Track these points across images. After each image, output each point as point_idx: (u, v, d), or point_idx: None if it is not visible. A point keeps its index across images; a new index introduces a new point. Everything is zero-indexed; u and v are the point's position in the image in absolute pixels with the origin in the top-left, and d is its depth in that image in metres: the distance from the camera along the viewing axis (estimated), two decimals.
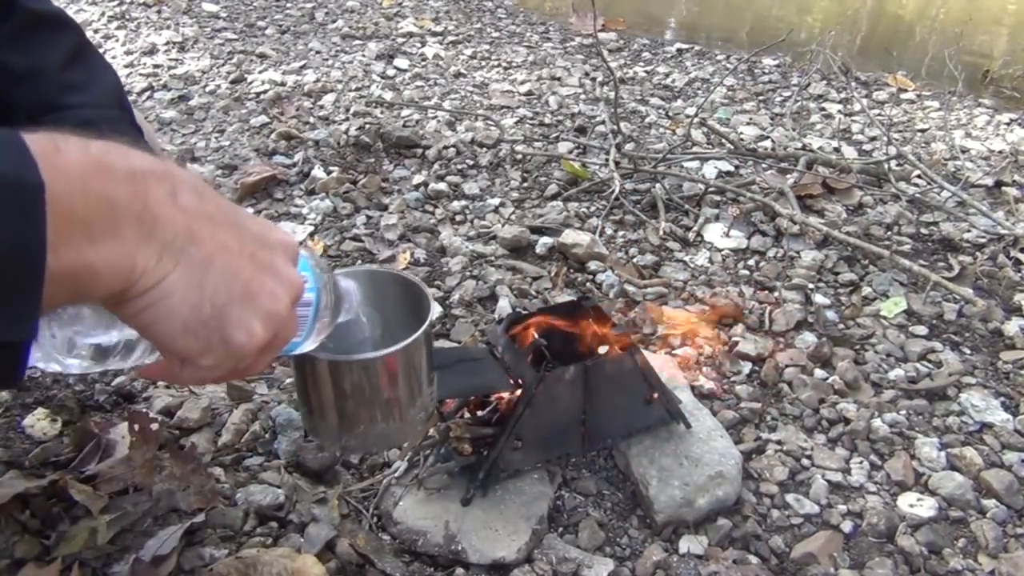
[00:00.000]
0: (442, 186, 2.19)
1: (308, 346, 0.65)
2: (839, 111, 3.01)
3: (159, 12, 3.73)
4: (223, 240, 0.49)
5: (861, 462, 1.32)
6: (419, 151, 2.41)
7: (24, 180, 0.40)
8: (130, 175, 0.45)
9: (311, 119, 2.61)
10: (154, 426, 1.17)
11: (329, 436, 0.83)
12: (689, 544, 1.14)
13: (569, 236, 1.90)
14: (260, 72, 3.03)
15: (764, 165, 2.33)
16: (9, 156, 0.40)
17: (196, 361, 0.52)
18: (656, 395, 1.21)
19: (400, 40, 3.61)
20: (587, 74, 3.29)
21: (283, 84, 2.89)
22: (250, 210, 2.05)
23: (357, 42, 3.53)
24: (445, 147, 2.41)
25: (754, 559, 1.13)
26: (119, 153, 0.45)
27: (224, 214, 0.50)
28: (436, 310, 0.76)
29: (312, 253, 0.64)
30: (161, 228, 0.46)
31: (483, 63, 3.39)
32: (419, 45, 3.56)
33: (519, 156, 2.39)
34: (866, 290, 1.81)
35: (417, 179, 2.23)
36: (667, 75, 3.35)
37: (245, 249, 0.51)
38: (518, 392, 1.13)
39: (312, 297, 0.61)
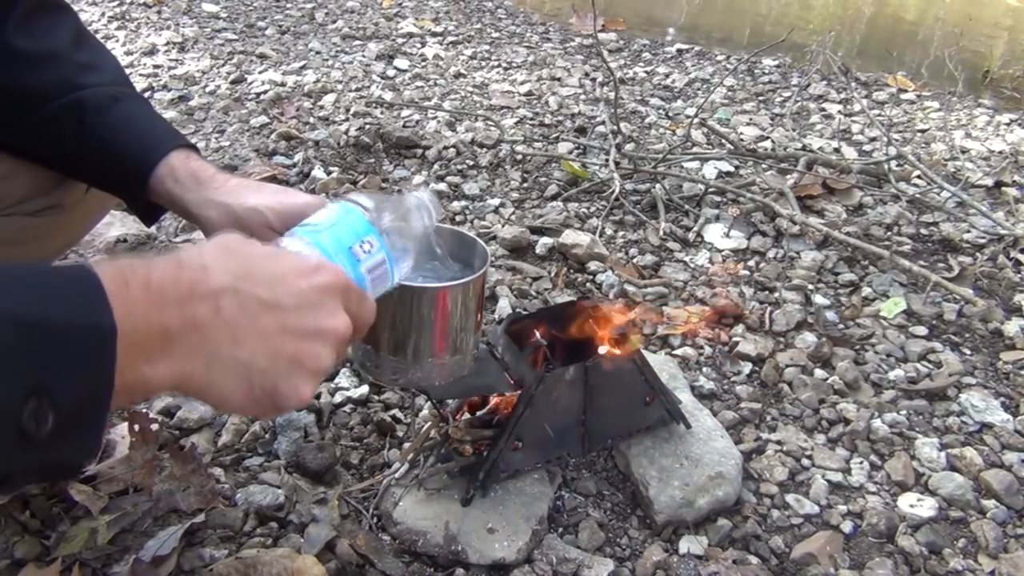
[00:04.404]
0: (442, 186, 2.19)
1: (397, 282, 0.73)
2: (839, 111, 3.01)
3: (159, 12, 3.73)
4: (264, 330, 0.56)
5: (861, 462, 1.32)
6: (419, 151, 2.41)
7: (101, 326, 0.47)
8: (180, 301, 0.52)
9: (311, 119, 2.61)
10: (154, 426, 1.17)
11: (396, 370, 0.88)
12: (689, 544, 1.14)
13: (569, 236, 1.90)
14: (260, 72, 3.03)
15: (764, 165, 2.33)
16: (89, 303, 0.47)
17: (256, 417, 0.59)
18: (656, 395, 1.21)
19: (400, 40, 3.61)
20: (587, 74, 3.29)
21: (283, 84, 2.89)
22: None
23: (357, 42, 3.53)
24: (445, 147, 2.41)
25: (754, 559, 1.13)
26: (172, 279, 0.53)
27: (262, 303, 0.56)
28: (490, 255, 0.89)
29: (369, 208, 0.70)
30: (208, 340, 0.53)
31: (483, 63, 3.39)
32: (419, 45, 3.56)
33: (519, 156, 2.39)
34: (866, 290, 1.81)
35: (417, 179, 2.23)
36: (667, 75, 3.35)
37: (287, 325, 0.57)
38: (518, 392, 1.13)
39: (383, 256, 0.69)
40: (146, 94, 2.81)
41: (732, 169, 2.40)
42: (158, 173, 0.87)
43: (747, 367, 1.54)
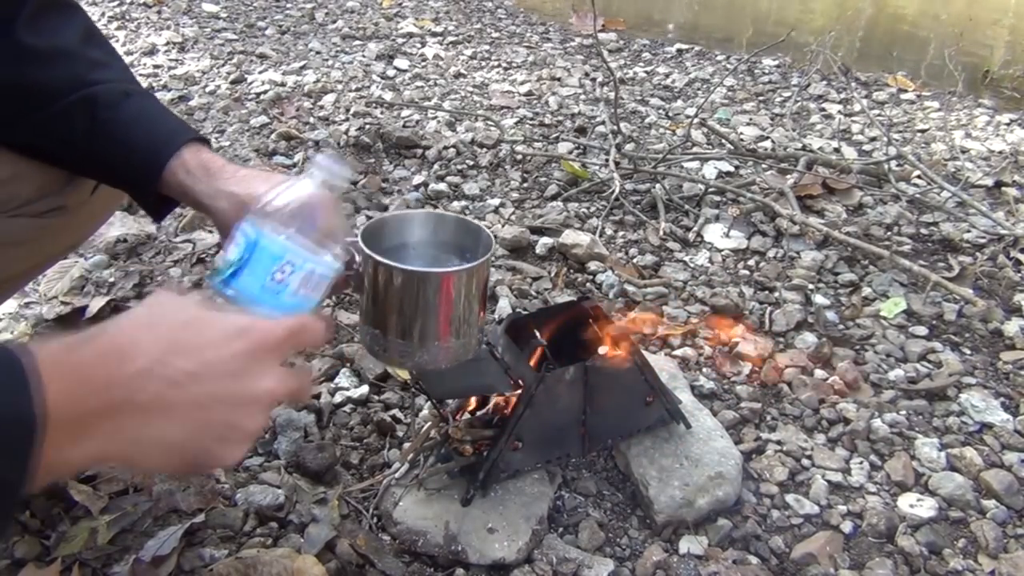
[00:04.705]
0: (442, 186, 2.19)
1: (330, 280, 0.72)
2: (839, 111, 3.01)
3: (159, 12, 3.73)
4: (191, 402, 0.56)
5: (861, 462, 1.32)
6: (419, 151, 2.41)
7: (26, 416, 0.47)
8: (101, 387, 0.52)
9: (311, 119, 2.61)
10: None
11: (403, 353, 0.90)
12: (689, 544, 1.14)
13: (569, 236, 1.90)
14: (260, 72, 3.03)
15: (764, 165, 2.33)
16: (15, 392, 0.48)
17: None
18: (656, 395, 1.21)
19: (400, 40, 3.61)
20: (587, 74, 3.29)
21: (283, 84, 2.89)
22: None
23: (357, 42, 3.54)
24: (445, 147, 2.41)
25: (754, 559, 1.13)
26: (94, 364, 0.53)
27: (188, 375, 0.56)
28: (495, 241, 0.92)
29: (272, 225, 0.68)
30: (130, 421, 0.53)
31: (483, 63, 3.39)
32: (419, 45, 3.56)
33: (519, 156, 2.39)
34: (866, 290, 1.81)
35: (417, 179, 2.23)
36: (667, 75, 3.35)
37: (215, 395, 0.57)
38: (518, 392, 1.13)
39: (305, 269, 0.68)
40: None
41: (732, 169, 2.40)
42: (170, 165, 0.87)
43: (747, 367, 1.54)
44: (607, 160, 2.25)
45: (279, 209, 0.69)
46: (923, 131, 2.86)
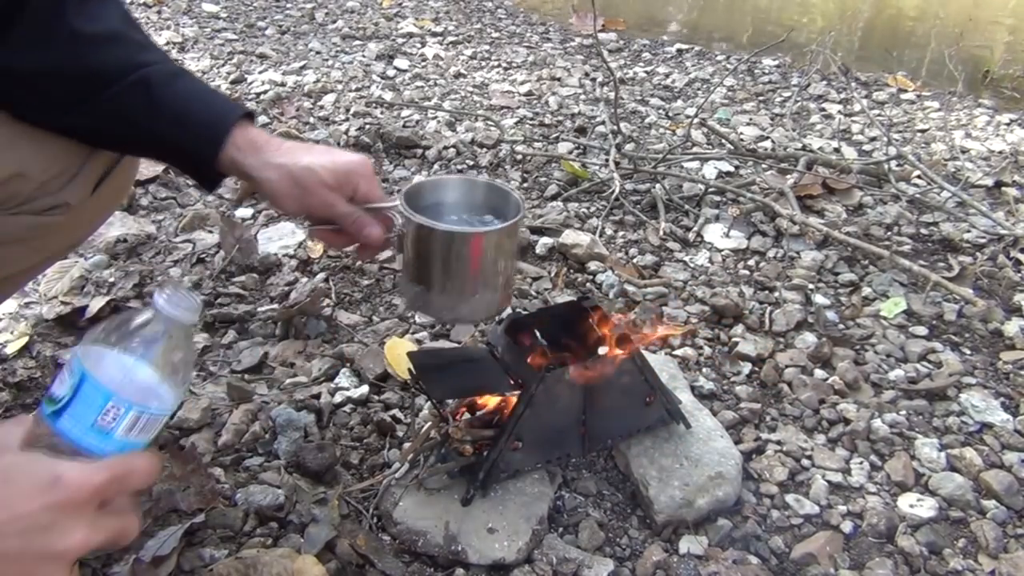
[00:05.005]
0: None
1: (174, 404, 0.68)
2: (839, 111, 3.01)
3: (159, 12, 3.73)
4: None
5: (861, 462, 1.32)
6: (419, 151, 2.41)
7: None
8: None
9: (311, 119, 2.61)
10: None
11: (443, 307, 0.97)
12: (689, 544, 1.14)
13: (569, 236, 1.90)
14: (260, 72, 3.03)
15: (764, 165, 2.33)
16: None
17: None
18: (656, 395, 1.21)
19: (400, 40, 3.61)
20: (587, 74, 3.29)
21: (283, 84, 2.89)
22: (249, 213, 2.05)
23: (357, 42, 3.54)
24: (445, 147, 2.42)
25: (754, 559, 1.13)
26: None
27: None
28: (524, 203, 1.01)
29: (102, 366, 0.63)
30: None
31: (483, 63, 3.39)
32: (419, 45, 3.56)
33: (519, 156, 2.39)
34: (866, 290, 1.81)
35: (417, 179, 2.23)
36: (667, 75, 3.35)
37: (10, 553, 0.55)
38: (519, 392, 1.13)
39: (134, 412, 0.63)
40: None
41: (732, 169, 2.40)
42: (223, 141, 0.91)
43: (747, 367, 1.54)
44: (607, 160, 2.25)
45: (118, 338, 0.64)
46: (923, 131, 2.86)
